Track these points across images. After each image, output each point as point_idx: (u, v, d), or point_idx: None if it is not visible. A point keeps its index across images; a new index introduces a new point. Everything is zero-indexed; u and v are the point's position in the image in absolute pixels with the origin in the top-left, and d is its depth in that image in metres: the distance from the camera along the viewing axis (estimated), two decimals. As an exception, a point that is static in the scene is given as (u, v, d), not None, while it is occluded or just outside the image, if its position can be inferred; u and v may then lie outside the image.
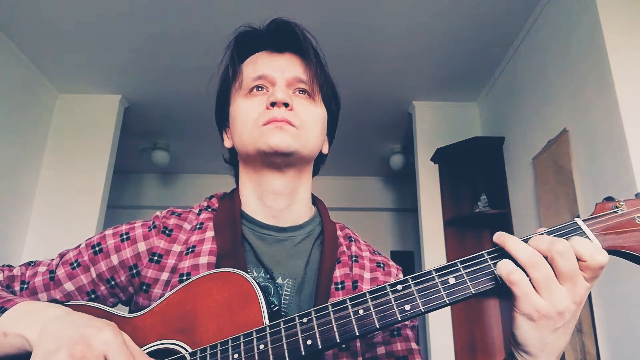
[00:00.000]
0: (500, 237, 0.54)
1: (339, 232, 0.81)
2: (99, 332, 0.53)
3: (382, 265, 0.80)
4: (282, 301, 0.71)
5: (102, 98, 3.38)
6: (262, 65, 0.78)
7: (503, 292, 0.52)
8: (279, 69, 0.77)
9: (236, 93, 0.79)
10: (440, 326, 2.95)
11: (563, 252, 0.50)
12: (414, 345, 0.75)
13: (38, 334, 0.55)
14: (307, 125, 0.76)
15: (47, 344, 0.53)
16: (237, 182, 0.85)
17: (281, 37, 0.79)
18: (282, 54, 0.79)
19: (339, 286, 0.72)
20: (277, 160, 0.74)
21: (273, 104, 0.73)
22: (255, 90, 0.76)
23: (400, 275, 0.81)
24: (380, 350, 0.73)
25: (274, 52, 0.80)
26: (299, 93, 0.77)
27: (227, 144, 0.84)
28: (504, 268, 0.51)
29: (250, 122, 0.74)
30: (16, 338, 0.57)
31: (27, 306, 0.60)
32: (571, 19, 2.21)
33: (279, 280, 0.72)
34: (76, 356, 0.51)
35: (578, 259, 0.50)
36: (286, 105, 0.73)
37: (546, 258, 0.51)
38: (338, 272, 0.74)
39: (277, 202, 0.77)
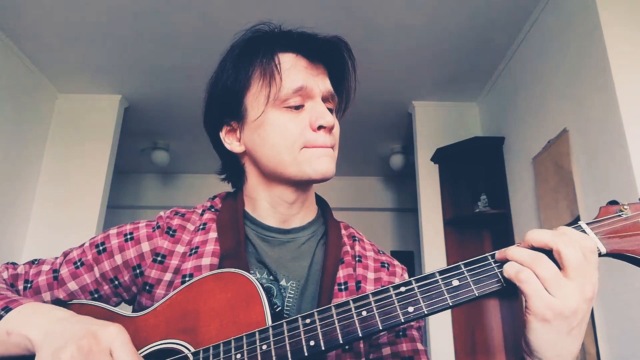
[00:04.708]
0: (500, 253, 0.54)
1: (343, 231, 0.81)
2: (105, 327, 0.55)
3: (386, 265, 0.79)
4: (286, 303, 0.71)
5: (102, 98, 3.37)
6: (300, 73, 0.71)
7: (506, 294, 0.52)
8: (315, 81, 0.72)
9: (271, 100, 0.70)
10: (441, 326, 2.95)
11: (568, 241, 0.50)
12: (419, 346, 0.74)
13: (44, 335, 0.55)
14: (336, 144, 0.75)
15: (55, 341, 0.54)
16: (234, 184, 0.83)
17: (319, 46, 0.73)
18: (315, 64, 0.74)
19: (342, 287, 0.72)
20: (314, 183, 0.74)
21: (319, 127, 0.70)
22: (293, 105, 0.71)
23: (406, 276, 0.80)
24: (386, 350, 0.73)
25: (308, 60, 0.73)
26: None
27: (237, 148, 0.77)
28: (512, 268, 0.51)
29: (291, 139, 0.70)
30: (19, 338, 0.57)
31: (31, 307, 0.61)
32: (571, 19, 2.21)
33: (283, 283, 0.72)
34: (84, 349, 0.52)
35: None
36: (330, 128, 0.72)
37: (551, 253, 0.51)
38: (341, 273, 0.73)
39: (290, 210, 0.77)
